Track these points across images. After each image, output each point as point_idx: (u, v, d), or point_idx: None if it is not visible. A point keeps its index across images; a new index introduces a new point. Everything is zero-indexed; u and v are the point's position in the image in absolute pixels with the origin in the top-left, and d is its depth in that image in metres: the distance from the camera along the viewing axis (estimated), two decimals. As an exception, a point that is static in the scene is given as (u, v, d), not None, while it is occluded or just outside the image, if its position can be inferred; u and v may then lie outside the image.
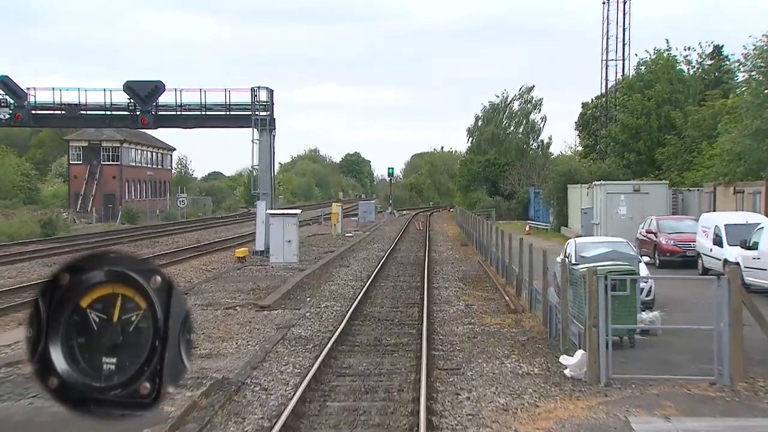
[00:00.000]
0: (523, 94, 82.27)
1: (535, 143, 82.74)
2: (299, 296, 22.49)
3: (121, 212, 66.87)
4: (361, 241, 46.56)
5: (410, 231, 57.98)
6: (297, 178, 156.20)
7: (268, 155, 37.66)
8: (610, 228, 37.82)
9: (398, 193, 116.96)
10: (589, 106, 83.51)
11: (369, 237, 50.26)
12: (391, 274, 28.52)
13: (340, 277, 27.62)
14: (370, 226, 63.66)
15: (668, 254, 27.27)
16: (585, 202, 45.93)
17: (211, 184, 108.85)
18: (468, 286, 25.04)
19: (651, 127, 54.68)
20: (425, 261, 32.07)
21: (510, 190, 76.49)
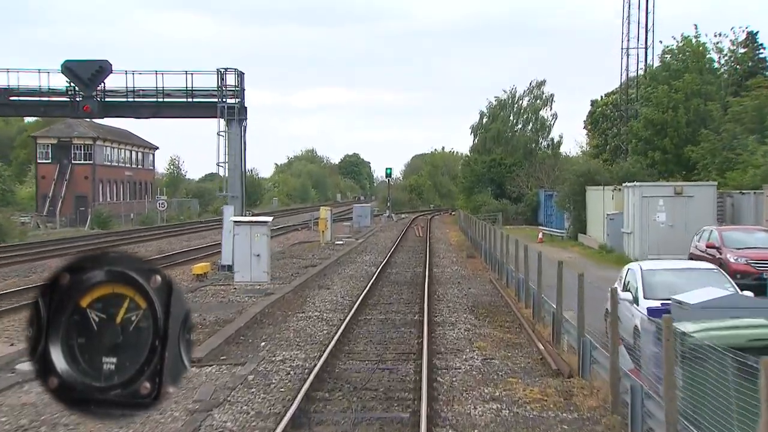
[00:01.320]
0: (533, 89, 76.06)
1: (545, 142, 76.47)
2: (251, 339, 16.31)
3: (90, 216, 60.70)
4: (352, 251, 40.42)
5: (409, 238, 51.82)
6: (293, 180, 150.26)
7: (238, 150, 31.51)
8: (646, 238, 31.71)
9: (397, 195, 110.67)
10: (599, 104, 78.41)
11: (361, 246, 44.10)
12: (381, 300, 22.35)
13: (316, 305, 21.47)
14: (365, 232, 57.50)
15: (739, 276, 21.08)
16: (609, 207, 39.84)
17: (199, 186, 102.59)
18: (482, 320, 18.88)
19: (678, 122, 48.51)
20: (425, 280, 25.94)
21: (518, 192, 70.31)
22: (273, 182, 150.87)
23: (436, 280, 27.42)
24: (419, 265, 32.91)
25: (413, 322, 18.51)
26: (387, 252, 38.76)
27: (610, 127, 73.78)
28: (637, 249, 32.07)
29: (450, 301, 22.25)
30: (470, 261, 35.05)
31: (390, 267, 32.13)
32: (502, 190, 72.20)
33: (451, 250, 42.10)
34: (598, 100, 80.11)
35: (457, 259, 36.26)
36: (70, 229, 58.99)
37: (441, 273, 29.77)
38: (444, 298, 22.82)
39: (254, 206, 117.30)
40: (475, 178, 73.71)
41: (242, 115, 31.23)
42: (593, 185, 46.67)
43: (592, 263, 32.79)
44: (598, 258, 35.05)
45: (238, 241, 26.64)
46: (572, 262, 31.88)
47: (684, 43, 51.67)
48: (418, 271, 30.18)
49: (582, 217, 47.05)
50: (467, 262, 34.40)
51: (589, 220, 46.08)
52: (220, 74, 30.74)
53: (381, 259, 35.04)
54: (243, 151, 31.61)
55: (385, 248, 41.83)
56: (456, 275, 29.09)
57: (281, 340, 16.15)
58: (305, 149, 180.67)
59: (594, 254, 36.95)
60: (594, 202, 44.97)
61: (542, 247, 42.63)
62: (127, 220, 65.29)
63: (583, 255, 37.35)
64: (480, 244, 37.73)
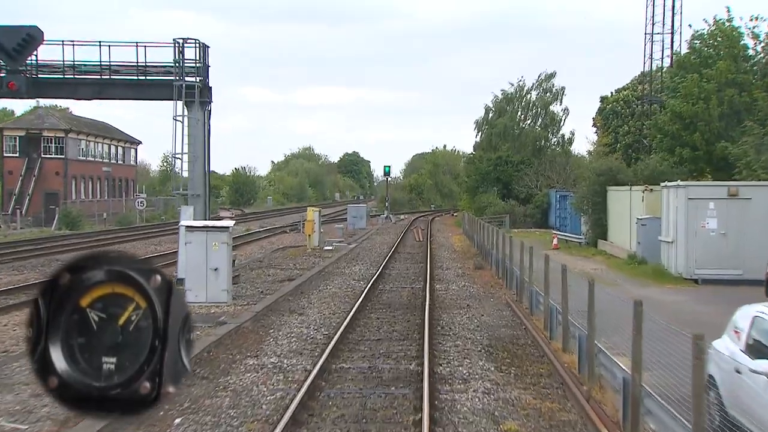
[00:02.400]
0: (542, 81, 70.33)
1: (555, 138, 70.77)
2: (160, 415, 10.79)
3: (57, 215, 55.18)
4: (341, 259, 34.97)
5: (407, 243, 46.32)
6: (289, 178, 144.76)
7: (201, 139, 26.07)
8: (692, 249, 26.26)
9: (397, 195, 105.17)
10: (609, 100, 73.48)
11: (353, 252, 38.63)
12: (366, 335, 16.85)
13: (279, 342, 15.98)
14: (360, 235, 52.06)
15: None
16: (638, 210, 34.46)
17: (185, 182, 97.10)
18: (505, 371, 13.39)
19: (710, 115, 42.99)
20: (425, 302, 20.51)
21: (526, 192, 64.83)
22: (269, 180, 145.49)
23: (440, 301, 21.97)
24: (418, 278, 27.47)
25: (409, 376, 12.99)
26: (381, 261, 33.29)
27: (621, 125, 69.06)
28: (681, 262, 26.65)
29: (458, 335, 16.77)
30: (479, 273, 29.60)
31: (383, 281, 26.68)
32: (509, 190, 66.74)
33: (455, 258, 36.62)
34: (608, 96, 75.43)
35: (464, 270, 30.78)
36: (35, 229, 53.49)
37: (445, 291, 24.31)
38: (450, 330, 17.35)
39: (248, 205, 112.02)
40: (479, 176, 68.23)
41: (206, 96, 25.80)
42: (615, 185, 41.36)
43: (625, 278, 27.38)
44: (629, 271, 29.62)
45: (191, 252, 21.21)
46: (600, 276, 26.38)
47: (715, 27, 46.15)
48: (416, 288, 24.73)
49: (602, 221, 41.65)
50: (475, 275, 28.94)
51: (611, 225, 40.68)
52: (177, 46, 25.28)
53: (373, 270, 29.59)
54: (206, 140, 26.14)
55: (380, 255, 36.37)
56: (463, 294, 23.62)
57: (206, 416, 10.65)
58: (303, 147, 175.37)
59: (623, 266, 31.50)
60: (617, 204, 39.58)
61: (559, 255, 37.25)
62: (102, 220, 59.81)
63: (611, 266, 31.89)
64: (489, 252, 32.29)
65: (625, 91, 74.76)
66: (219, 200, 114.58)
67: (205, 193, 26.43)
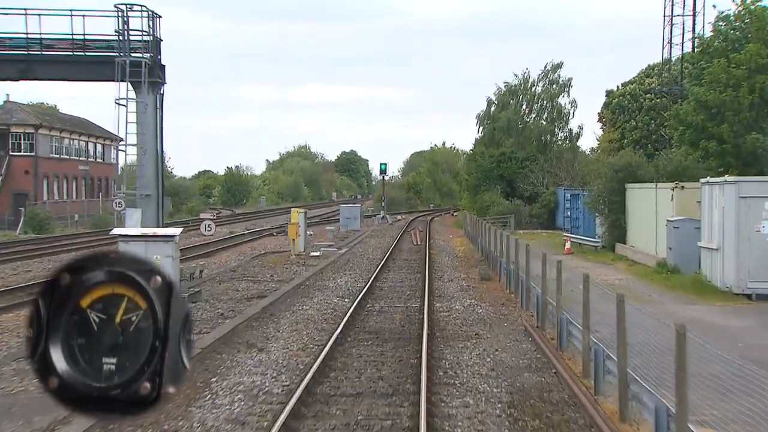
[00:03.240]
0: (548, 72, 65.68)
1: (562, 133, 66.14)
2: None
3: (23, 217, 50.68)
4: (328, 267, 30.49)
5: (404, 247, 41.84)
6: (284, 177, 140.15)
7: (152, 128, 21.54)
8: (745, 257, 21.82)
9: (394, 194, 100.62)
10: (614, 95, 69.14)
11: (342, 259, 34.16)
12: (342, 388, 12.29)
13: (217, 402, 11.41)
14: (352, 237, 47.62)
15: None
16: (666, 210, 30.13)
17: (172, 183, 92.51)
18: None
19: (740, 104, 38.55)
20: (422, 329, 16.04)
21: (531, 191, 60.36)
22: (263, 180, 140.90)
23: (441, 327, 17.48)
24: (415, 294, 23.00)
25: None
26: (373, 269, 28.81)
27: (627, 120, 65.00)
28: (729, 273, 22.21)
29: (467, 386, 12.27)
30: (486, 286, 25.13)
31: (372, 298, 22.19)
32: (513, 189, 62.27)
33: (457, 266, 32.12)
34: (614, 90, 71.14)
35: (468, 282, 26.29)
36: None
37: (447, 312, 19.80)
38: (456, 377, 12.87)
39: (240, 205, 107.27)
40: (481, 174, 63.72)
41: (156, 76, 21.29)
42: (634, 182, 37.04)
43: (660, 292, 22.97)
44: (662, 282, 25.17)
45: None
46: (629, 288, 21.98)
47: (743, 7, 41.64)
48: (412, 309, 20.23)
49: (621, 222, 37.25)
50: (482, 289, 24.48)
51: (631, 227, 36.30)
52: (120, 15, 20.74)
53: (362, 283, 25.11)
54: (158, 128, 21.59)
55: (372, 263, 31.89)
56: (470, 316, 19.11)
57: None
58: (299, 145, 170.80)
59: (652, 275, 27.06)
60: (640, 203, 35.20)
61: (574, 261, 32.82)
62: (74, 223, 55.28)
63: (638, 276, 27.43)
64: (496, 259, 27.83)
65: (632, 84, 70.67)
66: (211, 200, 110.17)
67: (158, 194, 21.92)
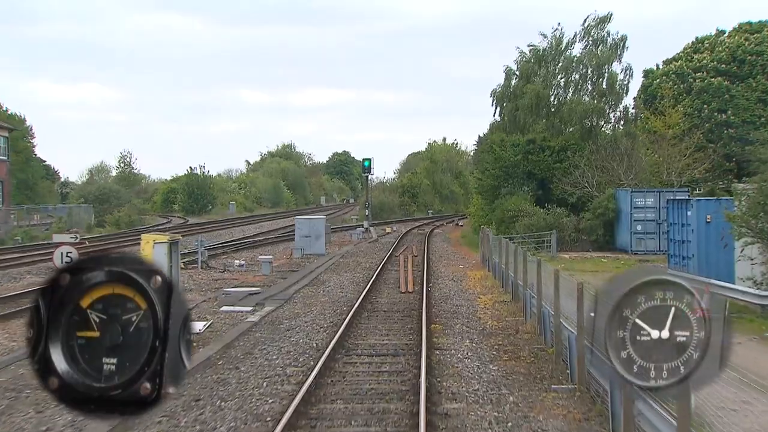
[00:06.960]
0: (590, 29, 46.91)
1: (616, 112, 47.31)
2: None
3: None
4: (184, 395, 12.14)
5: (383, 292, 23.42)
6: (263, 179, 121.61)
7: None
8: None
9: (386, 199, 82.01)
10: (655, 74, 52.55)
11: (242, 345, 15.72)
12: None
13: None
14: (305, 270, 29.31)
15: None
16: None
17: (99, 187, 73.60)
18: None
19: None
20: None
21: (577, 194, 41.96)
22: (238, 183, 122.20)
23: None
24: None
25: None
26: (295, 391, 10.45)
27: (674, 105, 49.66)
28: None
29: None
30: None
31: None
32: (547, 191, 43.85)
33: (503, 369, 13.58)
34: (653, 69, 54.62)
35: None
36: None
37: None
38: None
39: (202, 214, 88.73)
40: (501, 170, 45.20)
41: None
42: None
43: None
44: None
45: None
46: None
47: None
48: None
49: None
50: None
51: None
52: None
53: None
54: None
55: (306, 355, 13.49)
56: None
57: None
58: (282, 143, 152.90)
59: None
60: None
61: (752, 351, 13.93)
62: None
63: None
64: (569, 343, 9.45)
65: (677, 61, 54.54)
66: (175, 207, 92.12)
67: None
